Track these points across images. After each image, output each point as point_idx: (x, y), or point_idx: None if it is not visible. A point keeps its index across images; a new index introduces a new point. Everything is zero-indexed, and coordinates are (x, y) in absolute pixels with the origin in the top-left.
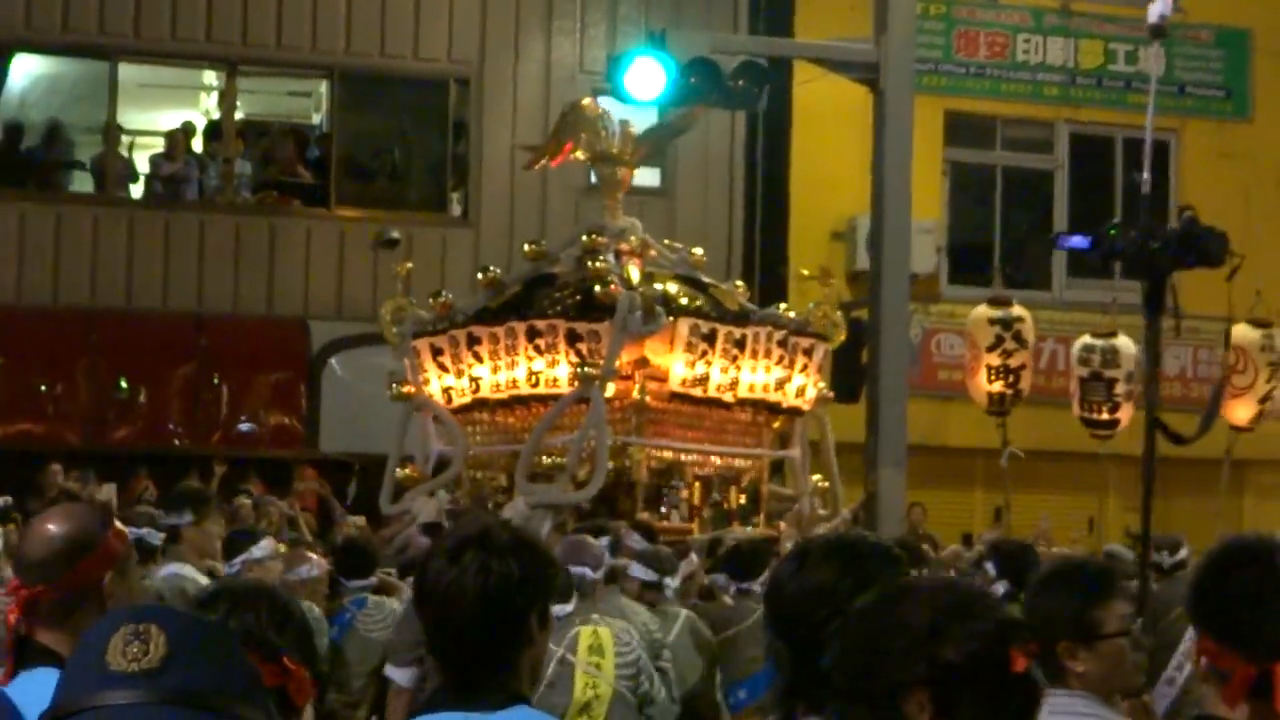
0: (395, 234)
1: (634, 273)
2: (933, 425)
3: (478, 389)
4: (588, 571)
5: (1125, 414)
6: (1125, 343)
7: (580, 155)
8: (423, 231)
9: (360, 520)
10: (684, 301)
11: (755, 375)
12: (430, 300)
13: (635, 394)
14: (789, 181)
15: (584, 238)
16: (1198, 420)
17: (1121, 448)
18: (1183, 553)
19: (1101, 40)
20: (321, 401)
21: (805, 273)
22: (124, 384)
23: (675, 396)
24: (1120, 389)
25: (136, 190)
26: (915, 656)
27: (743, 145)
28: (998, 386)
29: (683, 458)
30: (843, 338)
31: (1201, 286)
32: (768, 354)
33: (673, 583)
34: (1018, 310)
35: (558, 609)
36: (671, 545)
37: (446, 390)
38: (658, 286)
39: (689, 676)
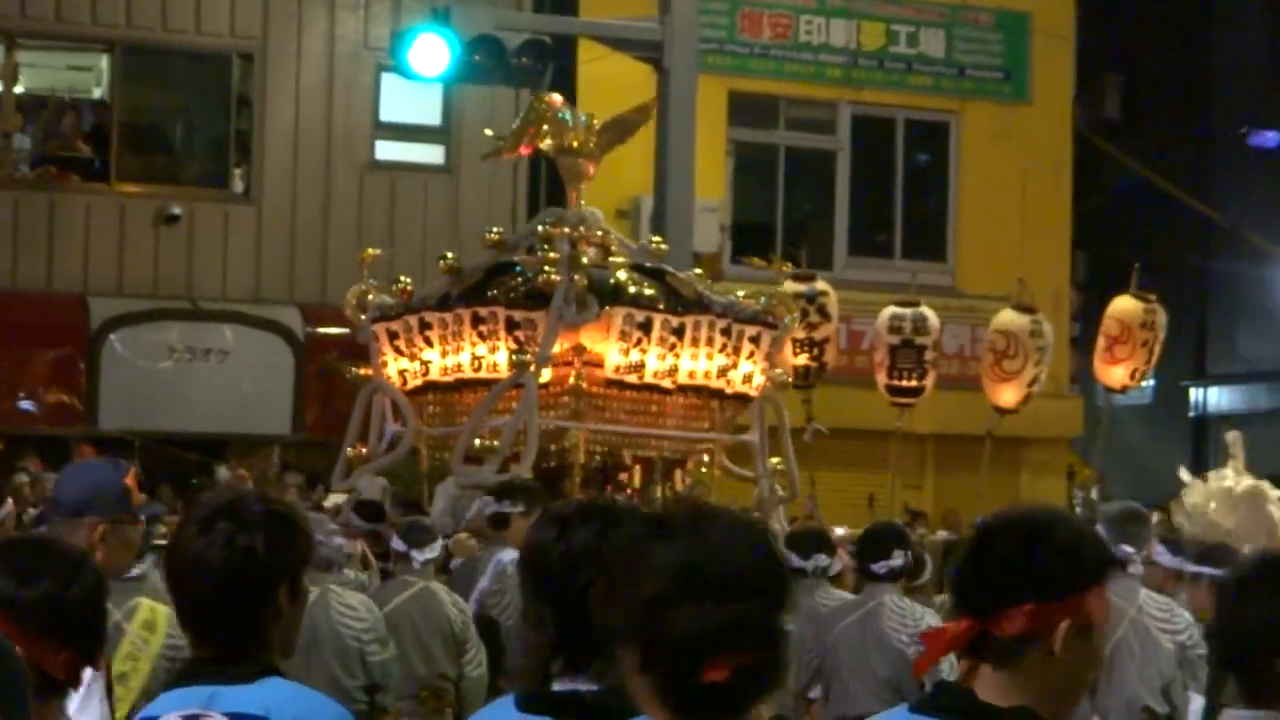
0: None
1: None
2: None
3: (427, 372)
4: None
5: (930, 382)
6: (930, 312)
7: (544, 147)
8: (204, 208)
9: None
10: (632, 290)
11: (696, 363)
12: (392, 287)
13: (572, 380)
14: None
15: (540, 228)
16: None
17: (904, 425)
18: None
19: (883, 22)
20: (101, 378)
21: (757, 263)
22: None
23: (611, 383)
24: (929, 356)
25: None
26: None
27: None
28: (803, 360)
29: (624, 441)
30: (796, 325)
31: (980, 267)
32: (709, 342)
33: (420, 555)
34: (821, 284)
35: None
36: None
37: (402, 373)
38: (619, 275)
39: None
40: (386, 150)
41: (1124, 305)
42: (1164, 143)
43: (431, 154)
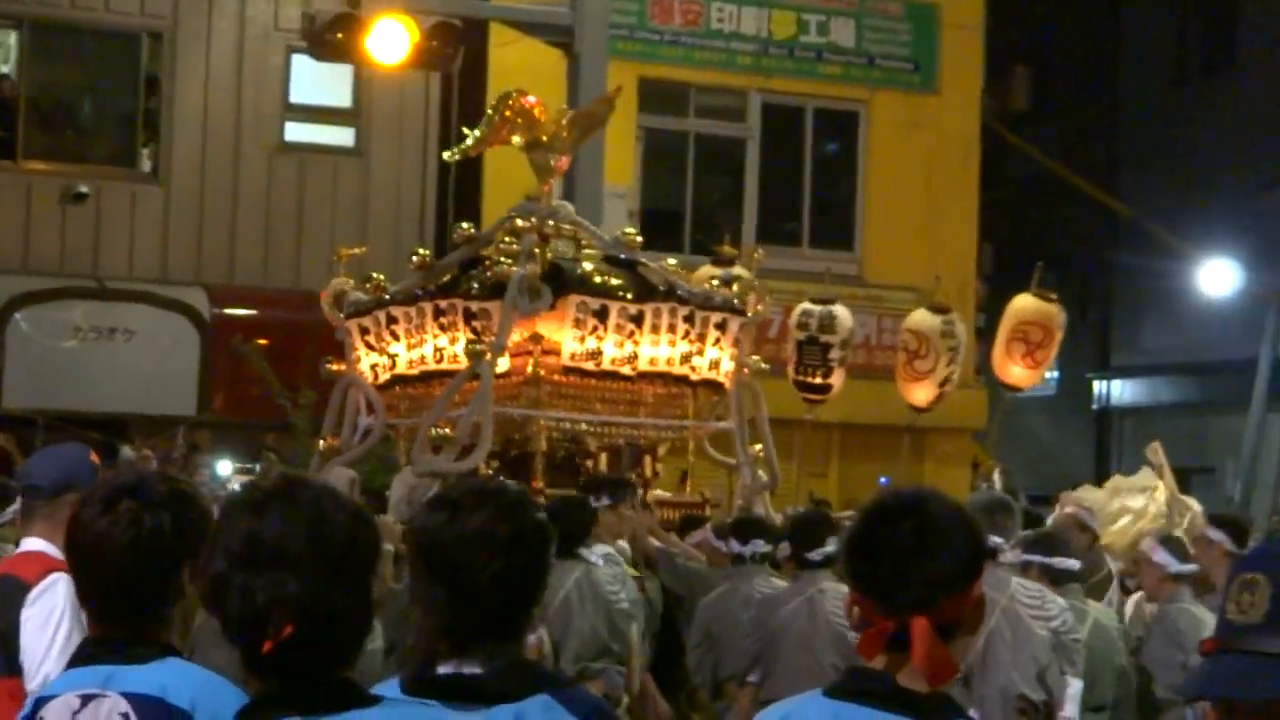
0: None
1: (568, 250)
2: None
3: (394, 365)
4: None
5: (838, 379)
6: (843, 311)
7: (515, 142)
8: (111, 187)
9: None
10: (598, 280)
11: (657, 349)
12: (365, 284)
13: (529, 369)
14: None
15: (510, 221)
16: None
17: (806, 413)
18: None
19: (794, 11)
20: (6, 357)
21: (727, 249)
22: None
23: (568, 370)
24: (835, 354)
25: None
26: None
27: (437, 107)
28: None
29: (584, 428)
30: (763, 310)
31: (886, 257)
32: (671, 329)
33: None
34: (738, 269)
35: None
36: None
37: (373, 367)
38: (586, 266)
39: None
40: (296, 132)
41: (1026, 303)
42: (1071, 135)
43: (341, 136)
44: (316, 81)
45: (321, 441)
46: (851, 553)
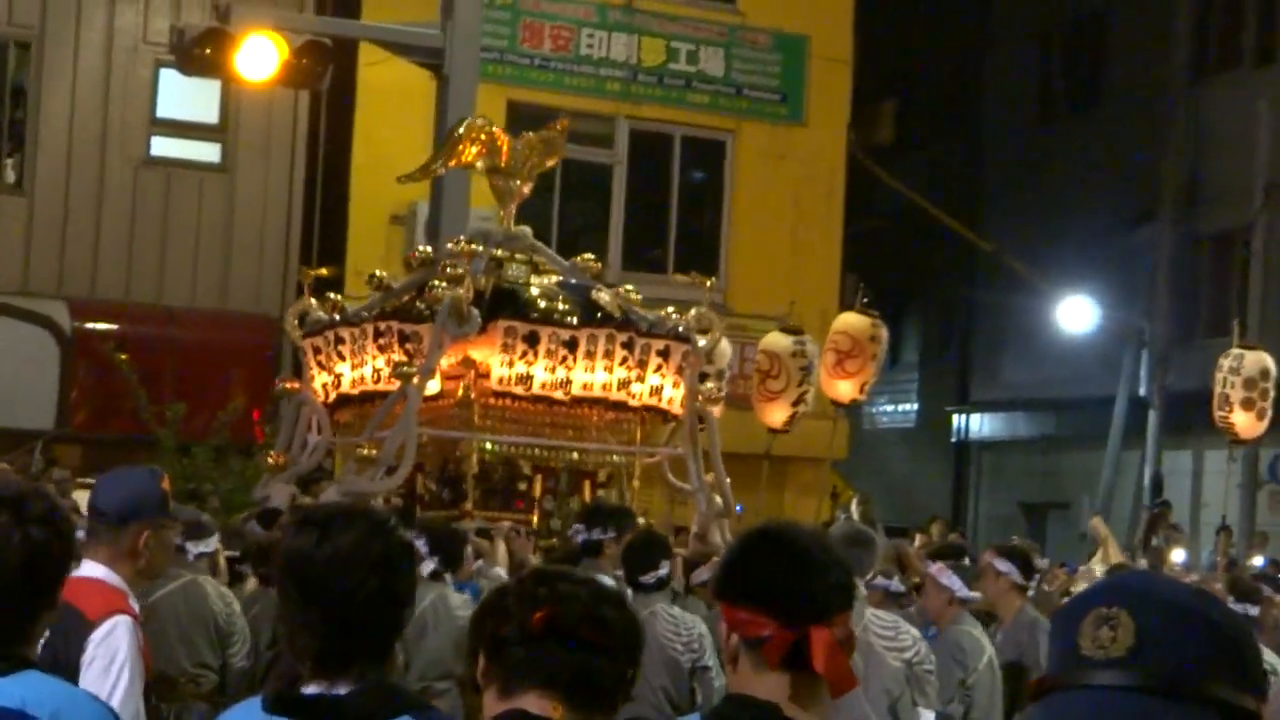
0: None
1: (528, 276)
2: None
3: (339, 385)
4: None
5: (718, 410)
6: (724, 343)
7: (478, 167)
8: None
9: None
10: (543, 305)
11: (593, 375)
12: (320, 304)
13: (460, 391)
14: (351, 163)
15: (457, 245)
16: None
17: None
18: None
19: (663, 39)
20: None
21: (678, 279)
22: None
23: (497, 394)
24: (710, 385)
25: None
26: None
27: (305, 125)
28: None
29: (514, 451)
30: (718, 338)
31: (751, 286)
32: (608, 355)
33: (194, 549)
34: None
35: None
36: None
37: (324, 386)
38: (532, 291)
39: None
40: (162, 146)
41: (852, 320)
42: (936, 170)
43: (208, 152)
44: (184, 96)
45: (268, 459)
46: (742, 573)
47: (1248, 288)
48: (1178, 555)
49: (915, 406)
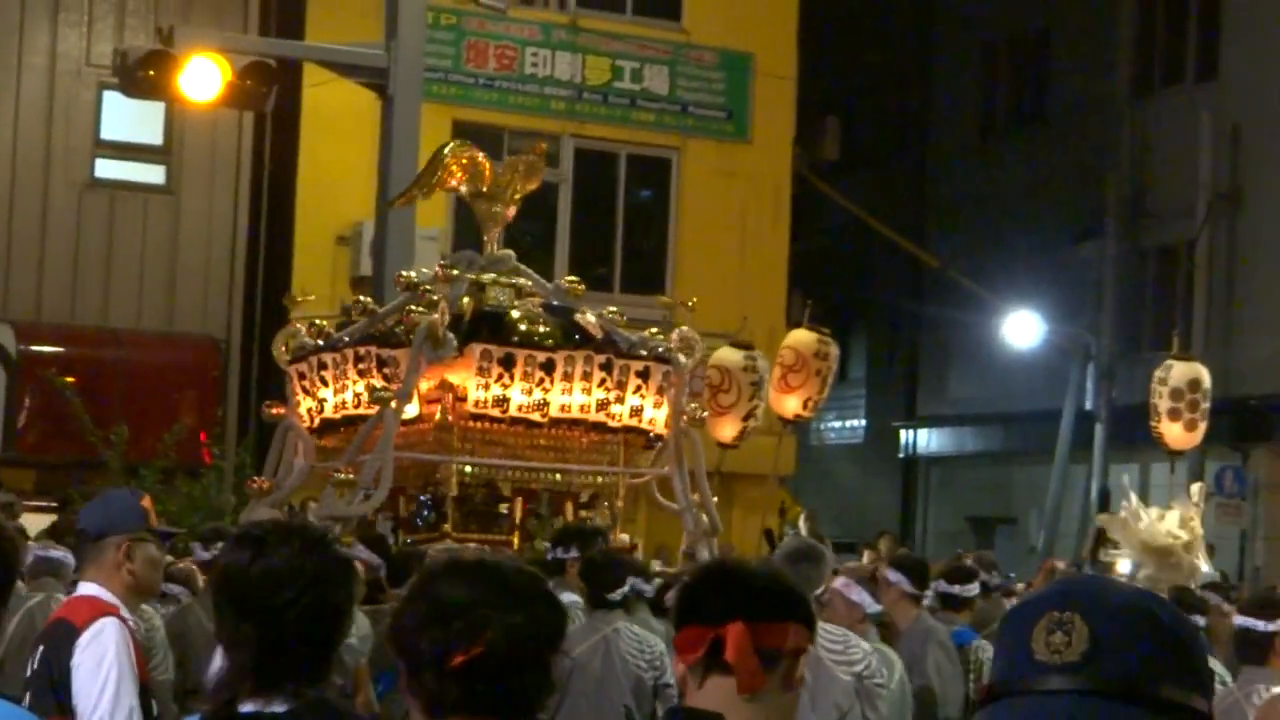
0: None
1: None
2: None
3: (322, 409)
4: None
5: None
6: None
7: (463, 191)
8: None
9: None
10: (524, 328)
11: (570, 397)
12: (306, 329)
13: (438, 415)
14: (295, 184)
15: (438, 269)
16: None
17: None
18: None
19: (608, 57)
20: None
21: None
22: None
23: (475, 417)
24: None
25: None
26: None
27: (250, 146)
28: None
29: (494, 474)
30: (696, 359)
31: (698, 303)
32: (586, 377)
33: None
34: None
35: None
36: None
37: (308, 410)
38: (513, 314)
39: None
40: (106, 169)
41: (799, 336)
42: (881, 186)
43: (152, 174)
44: (128, 118)
45: (254, 482)
46: (685, 599)
47: (1192, 301)
48: (1124, 567)
49: (863, 422)
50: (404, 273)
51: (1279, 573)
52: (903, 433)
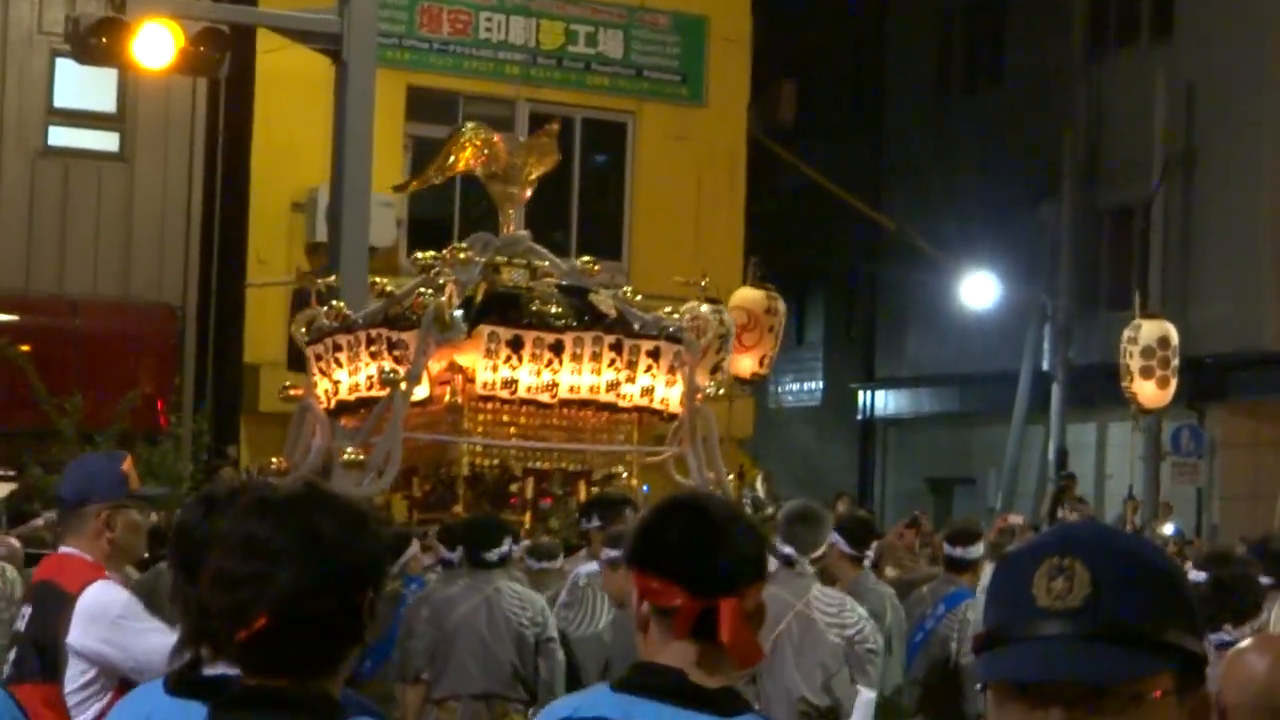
0: None
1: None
2: None
3: (338, 391)
4: None
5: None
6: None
7: (478, 173)
8: None
9: None
10: (535, 308)
11: (580, 378)
12: (325, 310)
13: (448, 396)
14: (250, 150)
15: (449, 251)
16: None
17: None
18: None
19: (563, 21)
20: None
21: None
22: None
23: (484, 398)
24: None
25: None
26: None
27: (204, 112)
28: None
29: (505, 453)
30: (710, 339)
31: (654, 267)
32: (594, 358)
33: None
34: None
35: None
36: None
37: (325, 392)
38: (529, 293)
39: None
40: (59, 136)
41: (747, 294)
42: (837, 149)
43: (106, 141)
44: (80, 85)
45: (273, 462)
46: (654, 542)
47: (1148, 261)
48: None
49: (820, 384)
50: (418, 254)
51: (1236, 531)
52: (860, 394)
